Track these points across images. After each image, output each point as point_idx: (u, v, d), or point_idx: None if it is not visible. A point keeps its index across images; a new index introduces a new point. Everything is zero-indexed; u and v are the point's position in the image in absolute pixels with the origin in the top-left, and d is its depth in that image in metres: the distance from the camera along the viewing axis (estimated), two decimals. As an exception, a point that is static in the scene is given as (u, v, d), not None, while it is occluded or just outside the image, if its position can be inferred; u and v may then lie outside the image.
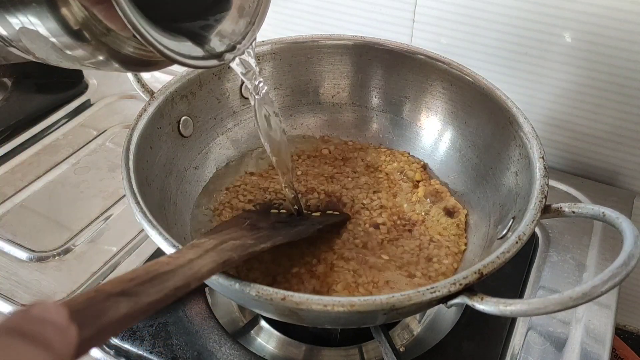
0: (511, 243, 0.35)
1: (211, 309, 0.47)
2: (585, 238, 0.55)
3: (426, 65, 0.52)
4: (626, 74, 0.57)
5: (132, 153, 0.41)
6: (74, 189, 0.59)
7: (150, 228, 0.36)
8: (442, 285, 0.32)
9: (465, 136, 0.51)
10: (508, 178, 0.45)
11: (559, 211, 0.37)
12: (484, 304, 0.32)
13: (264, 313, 0.43)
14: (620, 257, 0.30)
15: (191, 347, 0.44)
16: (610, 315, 0.48)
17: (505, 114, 0.46)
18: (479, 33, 0.61)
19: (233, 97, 0.53)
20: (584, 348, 0.45)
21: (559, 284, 0.50)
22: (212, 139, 0.52)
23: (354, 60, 0.55)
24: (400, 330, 0.48)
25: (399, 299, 0.31)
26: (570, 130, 0.63)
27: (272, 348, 0.47)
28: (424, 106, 0.54)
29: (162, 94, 0.47)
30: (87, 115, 0.70)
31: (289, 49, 0.54)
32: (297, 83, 0.56)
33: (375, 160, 0.54)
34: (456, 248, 0.46)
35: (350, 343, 0.47)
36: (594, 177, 0.64)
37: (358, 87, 0.56)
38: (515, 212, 0.41)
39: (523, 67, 0.61)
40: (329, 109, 0.57)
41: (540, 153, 0.41)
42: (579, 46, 0.57)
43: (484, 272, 0.33)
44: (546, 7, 0.57)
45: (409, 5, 0.63)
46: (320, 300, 0.31)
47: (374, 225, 0.48)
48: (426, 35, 0.64)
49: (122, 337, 0.45)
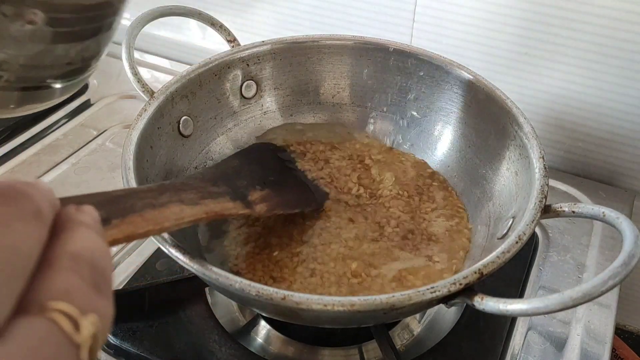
0: (511, 243, 0.35)
1: (211, 309, 0.47)
2: (585, 238, 0.55)
3: (426, 65, 0.52)
4: (626, 74, 0.57)
5: (132, 153, 0.41)
6: (74, 189, 0.59)
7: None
8: (442, 285, 0.32)
9: (465, 136, 0.51)
10: (508, 178, 0.45)
11: (559, 211, 0.37)
12: (484, 304, 0.32)
13: (264, 313, 0.43)
14: (621, 257, 0.30)
15: (191, 347, 0.44)
16: (610, 315, 0.48)
17: (505, 114, 0.46)
18: (479, 33, 0.61)
19: (233, 97, 0.53)
20: (584, 348, 0.45)
21: (559, 284, 0.50)
22: (212, 138, 0.52)
23: (354, 60, 0.55)
24: (400, 330, 0.48)
25: (399, 298, 0.31)
26: (570, 130, 0.63)
27: (272, 348, 0.47)
28: (423, 106, 0.54)
29: (162, 94, 0.47)
30: (87, 115, 0.70)
31: (289, 49, 0.54)
32: (297, 83, 0.56)
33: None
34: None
35: (350, 343, 0.47)
36: (594, 177, 0.64)
37: (358, 87, 0.56)
38: (515, 212, 0.41)
39: (523, 67, 0.61)
40: (329, 109, 0.57)
41: (540, 153, 0.41)
42: (579, 46, 0.57)
43: (484, 272, 0.33)
44: (546, 6, 0.57)
45: (409, 5, 0.63)
46: (320, 300, 0.31)
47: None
48: (426, 35, 0.64)
49: (122, 337, 0.45)
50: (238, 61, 0.52)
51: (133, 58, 0.48)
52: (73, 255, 0.17)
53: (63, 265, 0.16)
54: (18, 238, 0.15)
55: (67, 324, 0.15)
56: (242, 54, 0.52)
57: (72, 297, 0.15)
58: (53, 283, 0.16)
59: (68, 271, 0.16)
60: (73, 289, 0.16)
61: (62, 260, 0.16)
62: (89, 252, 0.17)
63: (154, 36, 0.80)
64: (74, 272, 0.16)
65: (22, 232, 0.16)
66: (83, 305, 0.16)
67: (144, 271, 0.50)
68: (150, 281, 0.48)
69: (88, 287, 0.16)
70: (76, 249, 0.17)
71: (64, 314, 0.15)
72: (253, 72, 0.53)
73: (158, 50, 0.81)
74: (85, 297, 0.16)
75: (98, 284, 0.17)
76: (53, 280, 0.16)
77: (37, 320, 0.14)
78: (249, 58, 0.53)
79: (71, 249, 0.17)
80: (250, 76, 0.53)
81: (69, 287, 0.16)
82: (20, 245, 0.15)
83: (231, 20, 0.70)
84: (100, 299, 0.16)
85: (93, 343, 0.15)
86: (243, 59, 0.52)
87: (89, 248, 0.17)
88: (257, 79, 0.54)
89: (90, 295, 0.16)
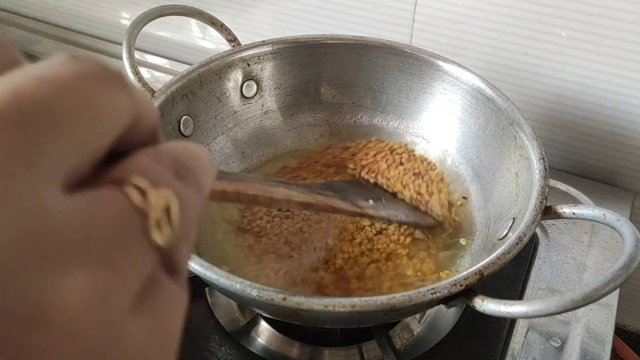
0: (511, 244, 0.35)
1: (211, 309, 0.47)
2: (585, 238, 0.55)
3: (426, 65, 0.52)
4: (626, 73, 0.57)
5: (132, 153, 0.41)
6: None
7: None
8: (443, 286, 0.32)
9: (466, 137, 0.51)
10: (508, 179, 0.45)
11: (560, 213, 0.37)
12: (485, 305, 0.32)
13: (265, 313, 0.43)
14: (621, 260, 0.30)
15: (191, 347, 0.44)
16: (611, 315, 0.48)
17: (506, 115, 0.46)
18: (479, 33, 0.61)
19: (234, 97, 0.53)
20: (584, 348, 0.45)
21: (559, 284, 0.50)
22: (212, 138, 0.52)
23: (355, 60, 0.55)
24: (400, 330, 0.48)
25: (399, 299, 0.31)
26: (570, 130, 0.63)
27: (272, 348, 0.47)
28: (424, 106, 0.54)
29: (163, 94, 0.47)
30: (87, 114, 0.69)
31: (290, 49, 0.54)
32: (298, 83, 0.56)
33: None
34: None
35: (350, 343, 0.47)
36: (594, 177, 0.64)
37: (358, 87, 0.56)
38: (516, 213, 0.41)
39: (523, 67, 0.61)
40: (329, 109, 0.57)
41: (541, 154, 0.41)
42: (579, 46, 0.57)
43: (484, 273, 0.33)
44: (546, 6, 0.57)
45: (409, 5, 0.63)
46: (321, 301, 0.31)
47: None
48: (426, 35, 0.64)
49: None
50: (238, 61, 0.52)
51: (134, 58, 0.48)
52: (156, 149, 0.15)
53: (142, 153, 0.15)
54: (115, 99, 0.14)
55: (135, 193, 0.13)
56: (242, 53, 0.52)
57: (147, 173, 0.14)
58: (127, 163, 0.14)
59: (147, 157, 0.15)
60: (149, 168, 0.14)
61: (144, 151, 0.15)
62: (177, 150, 0.16)
63: (154, 36, 0.80)
64: (153, 158, 0.15)
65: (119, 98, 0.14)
66: (157, 180, 0.14)
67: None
68: (151, 281, 0.48)
69: (167, 171, 0.15)
70: (162, 147, 0.15)
71: (134, 186, 0.14)
72: (253, 72, 0.53)
73: (158, 50, 0.81)
74: (161, 175, 0.14)
75: (180, 173, 0.15)
76: (128, 161, 0.14)
77: (102, 190, 0.13)
78: (249, 58, 0.53)
79: (157, 147, 0.15)
80: (251, 76, 0.53)
81: (145, 167, 0.14)
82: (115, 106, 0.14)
83: (231, 19, 0.70)
84: (181, 184, 0.15)
85: (164, 218, 0.14)
86: (243, 58, 0.52)
87: (180, 149, 0.16)
88: (258, 78, 0.54)
89: (169, 177, 0.15)
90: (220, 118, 0.52)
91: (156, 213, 0.14)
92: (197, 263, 0.34)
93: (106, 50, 0.81)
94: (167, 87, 0.47)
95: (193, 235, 0.16)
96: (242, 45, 0.53)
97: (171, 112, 0.47)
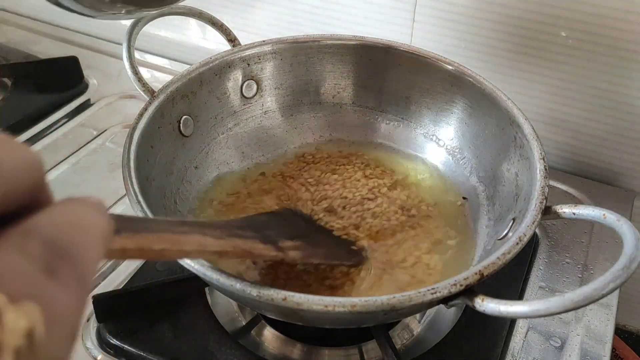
0: (512, 244, 0.35)
1: (211, 309, 0.47)
2: (585, 238, 0.55)
3: (426, 65, 0.52)
4: (626, 73, 0.57)
5: (132, 152, 0.41)
6: (74, 189, 0.59)
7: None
8: (443, 286, 0.32)
9: (465, 137, 0.51)
10: (508, 179, 0.45)
11: (560, 213, 0.37)
12: (485, 305, 0.32)
13: (265, 313, 0.43)
14: (621, 260, 0.30)
15: (191, 347, 0.44)
16: (611, 315, 0.48)
17: (506, 115, 0.46)
18: (479, 33, 0.61)
19: (234, 97, 0.53)
20: (584, 348, 0.45)
21: (559, 284, 0.50)
22: (212, 138, 0.52)
23: (355, 60, 0.55)
24: (400, 330, 0.48)
25: (399, 299, 0.31)
26: (570, 130, 0.63)
27: (272, 348, 0.47)
28: (424, 107, 0.54)
29: (163, 94, 0.47)
30: (87, 115, 0.70)
31: (290, 49, 0.54)
32: (298, 83, 0.56)
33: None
34: None
35: (350, 343, 0.47)
36: (594, 177, 0.64)
37: (358, 87, 0.56)
38: (516, 213, 0.41)
39: (523, 67, 0.61)
40: (329, 109, 0.57)
41: (541, 154, 0.41)
42: (579, 46, 0.57)
43: (484, 273, 0.33)
44: (546, 6, 0.57)
45: (409, 5, 0.63)
46: (321, 301, 0.31)
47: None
48: (426, 35, 0.64)
49: (122, 337, 0.45)
50: (239, 61, 0.52)
51: (134, 57, 0.48)
52: (25, 230, 0.13)
53: (5, 241, 0.12)
54: None
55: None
56: (242, 53, 0.52)
57: (4, 279, 0.11)
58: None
59: (9, 249, 0.12)
60: (9, 269, 0.12)
61: (9, 237, 0.12)
62: (51, 226, 0.13)
63: (154, 36, 0.80)
64: (17, 250, 0.12)
65: None
66: (18, 290, 0.11)
67: (144, 271, 0.50)
68: (151, 281, 0.48)
69: (34, 270, 0.12)
70: (34, 223, 0.13)
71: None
72: (254, 72, 0.53)
73: (158, 50, 0.81)
74: (24, 279, 0.12)
75: (52, 266, 0.12)
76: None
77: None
78: (249, 58, 0.53)
79: (29, 223, 0.13)
80: (251, 76, 0.53)
81: (3, 269, 0.12)
82: None
83: (232, 19, 0.70)
84: (51, 285, 0.12)
85: (26, 344, 0.11)
86: (244, 58, 0.52)
87: (57, 221, 0.13)
88: (258, 78, 0.54)
89: (36, 279, 0.12)
90: (220, 118, 0.52)
91: (14, 340, 0.11)
92: (197, 263, 0.34)
93: (106, 50, 0.81)
94: (167, 87, 0.47)
95: (71, 345, 0.13)
96: (242, 45, 0.53)
97: (171, 112, 0.47)
